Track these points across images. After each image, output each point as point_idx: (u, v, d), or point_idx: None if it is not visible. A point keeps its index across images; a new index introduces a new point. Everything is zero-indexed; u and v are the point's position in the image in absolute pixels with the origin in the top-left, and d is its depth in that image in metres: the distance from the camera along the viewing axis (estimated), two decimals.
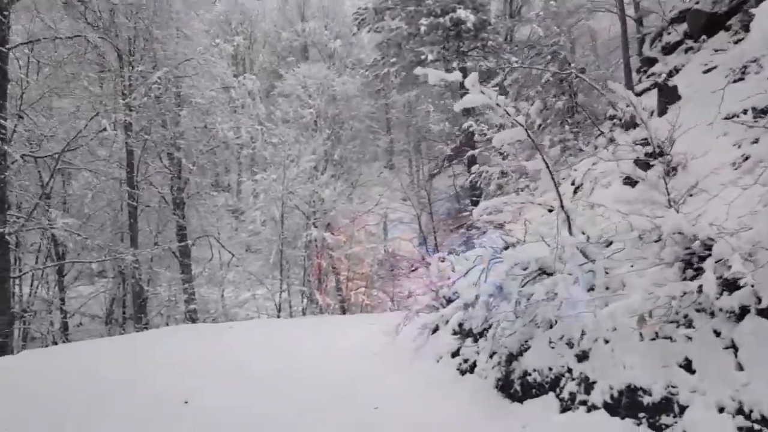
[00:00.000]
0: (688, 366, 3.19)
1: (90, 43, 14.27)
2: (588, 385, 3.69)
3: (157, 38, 16.65)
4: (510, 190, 8.46)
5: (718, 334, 3.11)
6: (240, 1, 39.49)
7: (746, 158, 3.81)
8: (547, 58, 8.97)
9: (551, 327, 4.26)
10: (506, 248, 6.36)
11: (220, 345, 9.27)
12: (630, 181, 5.29)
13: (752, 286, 2.90)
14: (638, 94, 7.63)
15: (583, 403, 3.67)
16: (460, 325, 6.08)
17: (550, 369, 4.08)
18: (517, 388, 4.38)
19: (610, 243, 4.25)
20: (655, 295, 3.17)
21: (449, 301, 6.78)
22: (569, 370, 3.91)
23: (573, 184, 6.23)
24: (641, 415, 3.30)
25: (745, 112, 4.54)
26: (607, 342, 3.68)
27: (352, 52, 37.13)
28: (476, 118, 19.14)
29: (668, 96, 5.83)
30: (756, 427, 2.77)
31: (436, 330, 7.13)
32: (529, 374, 4.25)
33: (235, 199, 26.19)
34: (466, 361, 5.48)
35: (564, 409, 3.82)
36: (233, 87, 22.87)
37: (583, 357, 3.85)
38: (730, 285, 3.07)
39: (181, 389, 6.29)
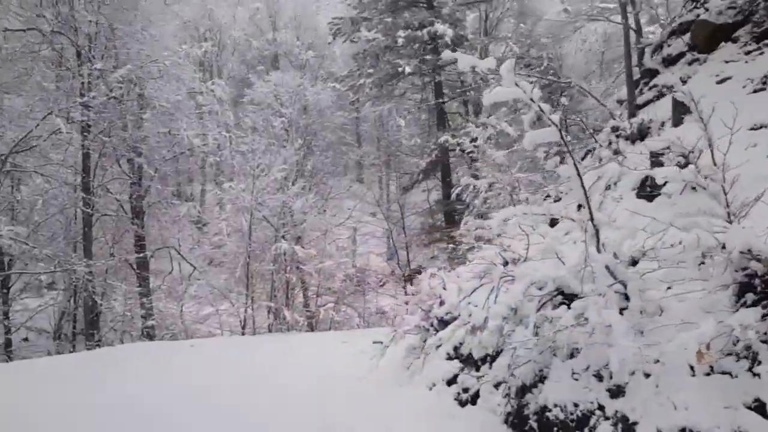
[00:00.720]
0: (760, 408, 2.70)
1: (45, 37, 13.33)
2: (627, 427, 3.15)
3: (120, 36, 15.80)
4: (498, 204, 8.02)
5: None
6: (209, 7, 38.66)
7: None
8: (536, 70, 8.64)
9: (572, 356, 3.74)
10: (505, 265, 5.84)
11: (178, 368, 8.46)
12: (646, 195, 4.89)
13: None
14: (641, 106, 7.32)
15: None
16: (456, 348, 5.51)
17: (576, 405, 3.54)
18: (533, 426, 3.82)
19: (636, 261, 3.78)
20: (727, 324, 2.69)
21: (441, 321, 6.21)
22: (600, 407, 3.38)
23: None
24: None
25: None
26: (647, 376, 3.18)
27: (324, 64, 36.73)
28: (452, 132, 18.89)
29: (684, 106, 5.46)
30: None
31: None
32: (549, 410, 3.70)
33: (198, 209, 25.19)
34: (465, 390, 4.90)
35: None
36: (201, 92, 22.09)
37: (617, 392, 3.33)
38: None
39: (132, 426, 5.54)
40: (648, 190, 4.56)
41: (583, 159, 7.34)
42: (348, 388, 6.26)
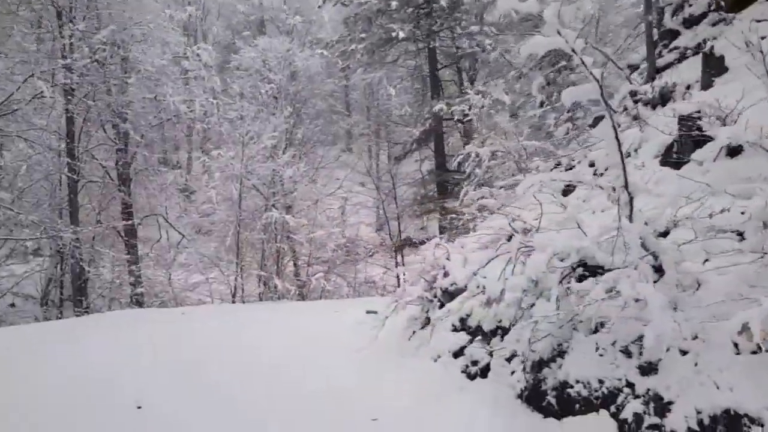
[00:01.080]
0: None
1: None
2: (661, 406, 3.02)
3: None
4: (502, 173, 7.81)
5: None
6: None
7: None
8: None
9: (596, 331, 3.59)
10: (511, 237, 5.68)
11: (171, 336, 8.23)
12: (673, 161, 4.69)
13: None
14: (661, 69, 7.07)
15: (656, 428, 3.00)
16: (462, 320, 5.36)
17: (601, 382, 3.40)
18: (551, 401, 3.69)
19: (668, 232, 3.61)
20: None
21: (445, 292, 6.05)
22: (629, 385, 3.24)
23: (592, 165, 5.61)
24: None
25: None
26: (684, 353, 3.04)
27: (312, 30, 35.84)
28: (447, 101, 18.53)
29: (714, 67, 5.24)
30: None
31: (426, 325, 6.42)
32: (570, 386, 3.56)
33: (185, 177, 24.75)
34: (475, 363, 4.76)
35: None
36: (186, 57, 21.47)
37: (649, 370, 3.19)
38: None
39: (132, 391, 5.35)
40: (674, 156, 4.36)
41: (592, 127, 7.08)
42: (347, 359, 6.10)
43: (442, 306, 6.08)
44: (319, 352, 6.86)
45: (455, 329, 5.46)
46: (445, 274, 6.22)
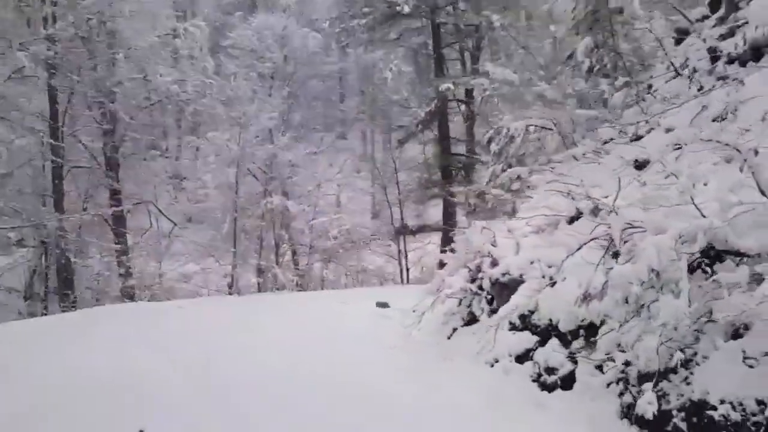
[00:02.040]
0: None
1: None
2: None
3: None
4: (537, 149, 7.00)
5: None
6: None
7: None
8: None
9: (736, 335, 2.80)
10: (574, 218, 4.89)
11: (172, 333, 7.37)
12: None
13: None
14: (741, 25, 6.22)
15: None
16: (523, 317, 4.54)
17: (762, 403, 2.61)
18: (680, 426, 2.89)
19: None
20: None
21: (495, 284, 5.23)
22: None
23: (669, 131, 4.80)
24: None
25: None
26: None
27: (306, 11, 34.75)
28: (453, 80, 17.60)
29: None
30: None
31: (471, 321, 5.61)
32: (712, 407, 2.77)
33: (175, 163, 23.70)
34: (551, 371, 3.94)
35: None
36: (177, 35, 20.41)
37: None
38: None
39: (130, 417, 4.49)
40: None
41: (652, 90, 6.21)
42: (380, 360, 5.28)
43: (491, 300, 5.28)
44: (344, 349, 6.03)
45: (515, 328, 4.63)
46: (494, 263, 5.41)
